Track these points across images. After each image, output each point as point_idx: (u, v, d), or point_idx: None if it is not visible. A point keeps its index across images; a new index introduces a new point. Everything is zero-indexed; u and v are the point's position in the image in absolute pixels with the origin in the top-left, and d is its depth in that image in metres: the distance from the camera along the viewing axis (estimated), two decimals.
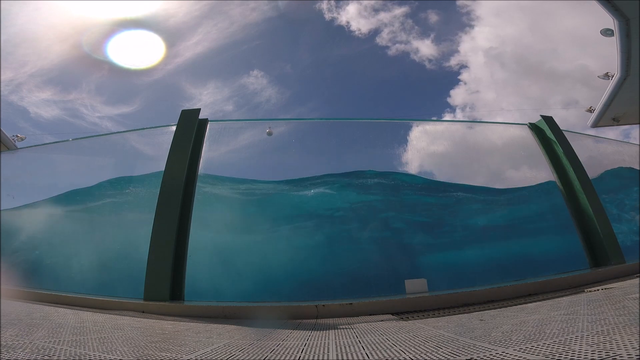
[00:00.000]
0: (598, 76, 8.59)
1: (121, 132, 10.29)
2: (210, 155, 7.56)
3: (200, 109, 7.28)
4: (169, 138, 6.94)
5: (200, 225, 6.78)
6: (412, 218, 11.01)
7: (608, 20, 6.26)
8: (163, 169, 6.53)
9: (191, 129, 6.95)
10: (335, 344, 2.53)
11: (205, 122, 7.35)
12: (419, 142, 10.16)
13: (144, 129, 9.17)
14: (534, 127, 8.55)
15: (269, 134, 9.62)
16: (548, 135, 8.15)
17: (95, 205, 10.07)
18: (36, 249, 9.24)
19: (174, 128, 7.06)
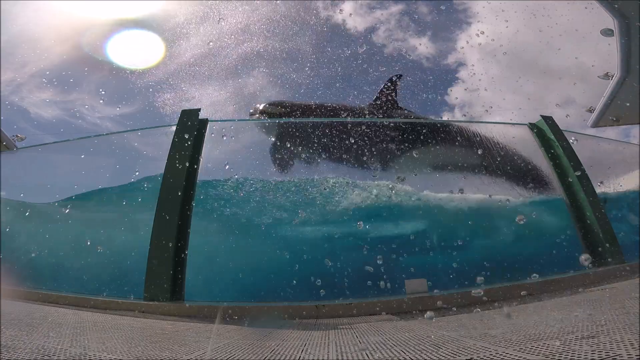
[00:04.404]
0: (598, 76, 8.58)
1: (121, 132, 10.29)
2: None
3: (200, 109, 7.29)
4: (169, 138, 6.94)
5: None
6: None
7: (606, 16, 6.25)
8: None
9: (191, 129, 6.95)
10: (335, 344, 2.53)
11: (205, 122, 7.35)
12: None
13: (144, 129, 9.18)
14: (534, 127, 8.55)
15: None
16: (548, 135, 8.15)
17: None
18: None
19: (174, 128, 7.06)
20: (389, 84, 11.15)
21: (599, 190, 7.77)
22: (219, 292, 6.81)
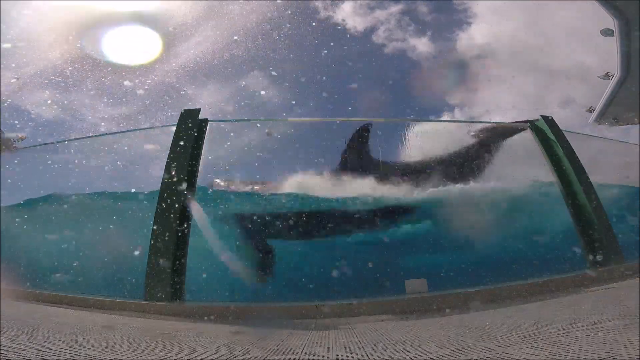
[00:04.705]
0: (598, 76, 8.59)
1: (121, 132, 10.29)
2: None
3: (200, 109, 7.26)
4: (169, 138, 6.93)
5: None
6: None
7: (606, 14, 6.23)
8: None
9: (191, 129, 6.94)
10: (335, 344, 2.53)
11: (205, 122, 7.33)
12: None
13: (144, 129, 9.17)
14: (534, 127, 8.53)
15: (269, 134, 9.65)
16: (548, 135, 8.14)
17: None
18: None
19: (174, 128, 7.05)
20: (359, 135, 10.84)
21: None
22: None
